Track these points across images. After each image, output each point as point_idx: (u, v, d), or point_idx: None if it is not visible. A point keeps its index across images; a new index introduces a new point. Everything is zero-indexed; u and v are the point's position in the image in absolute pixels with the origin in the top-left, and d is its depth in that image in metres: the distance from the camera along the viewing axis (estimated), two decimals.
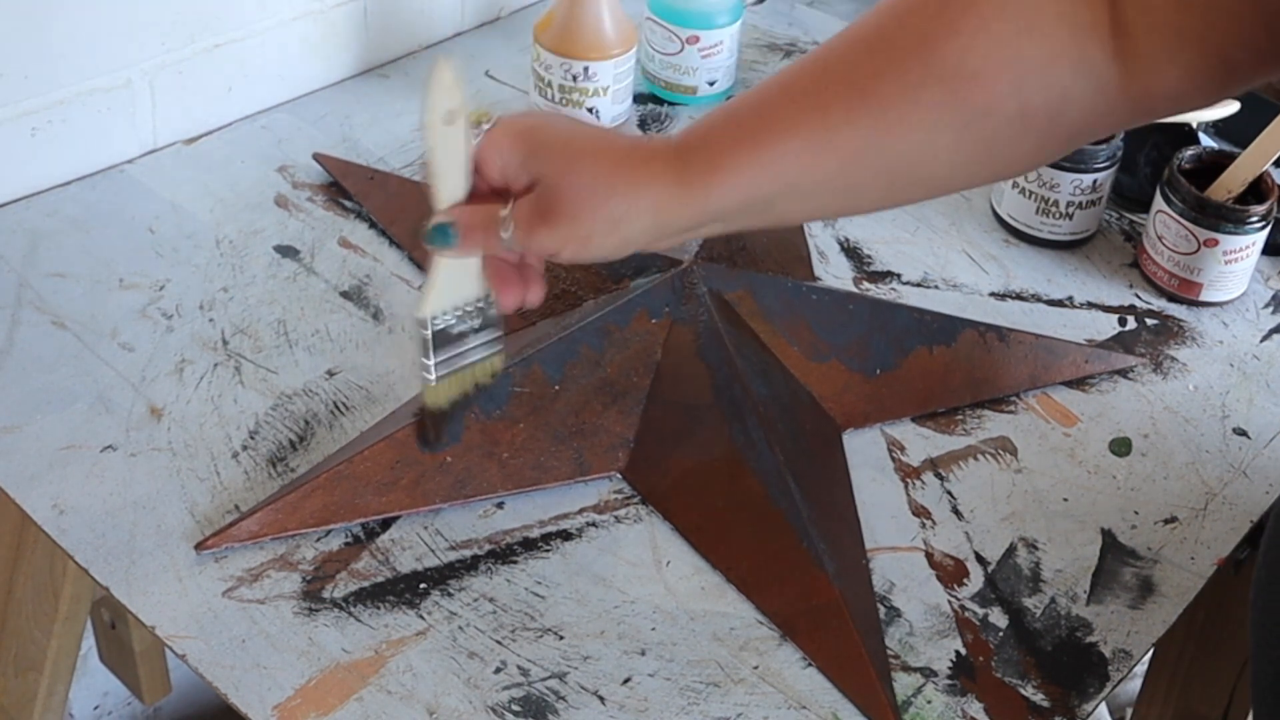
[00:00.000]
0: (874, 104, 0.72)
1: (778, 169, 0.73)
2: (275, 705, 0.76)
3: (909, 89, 0.71)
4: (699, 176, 0.73)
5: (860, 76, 0.72)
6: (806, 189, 0.74)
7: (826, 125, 0.72)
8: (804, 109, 0.73)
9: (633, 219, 0.74)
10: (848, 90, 0.72)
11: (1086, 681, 0.82)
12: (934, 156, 0.73)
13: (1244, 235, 1.06)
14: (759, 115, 0.74)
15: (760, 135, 0.73)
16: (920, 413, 0.98)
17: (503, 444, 0.88)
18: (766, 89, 0.75)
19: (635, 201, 0.73)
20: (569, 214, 0.73)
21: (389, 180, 1.11)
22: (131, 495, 0.86)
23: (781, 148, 0.73)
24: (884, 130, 0.72)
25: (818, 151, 0.73)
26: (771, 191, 0.74)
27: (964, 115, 0.71)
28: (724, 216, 0.75)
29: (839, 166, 0.73)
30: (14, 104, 1.03)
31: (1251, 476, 0.96)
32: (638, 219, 0.74)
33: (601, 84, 1.17)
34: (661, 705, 0.79)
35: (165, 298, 1.00)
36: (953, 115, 0.71)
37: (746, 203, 0.74)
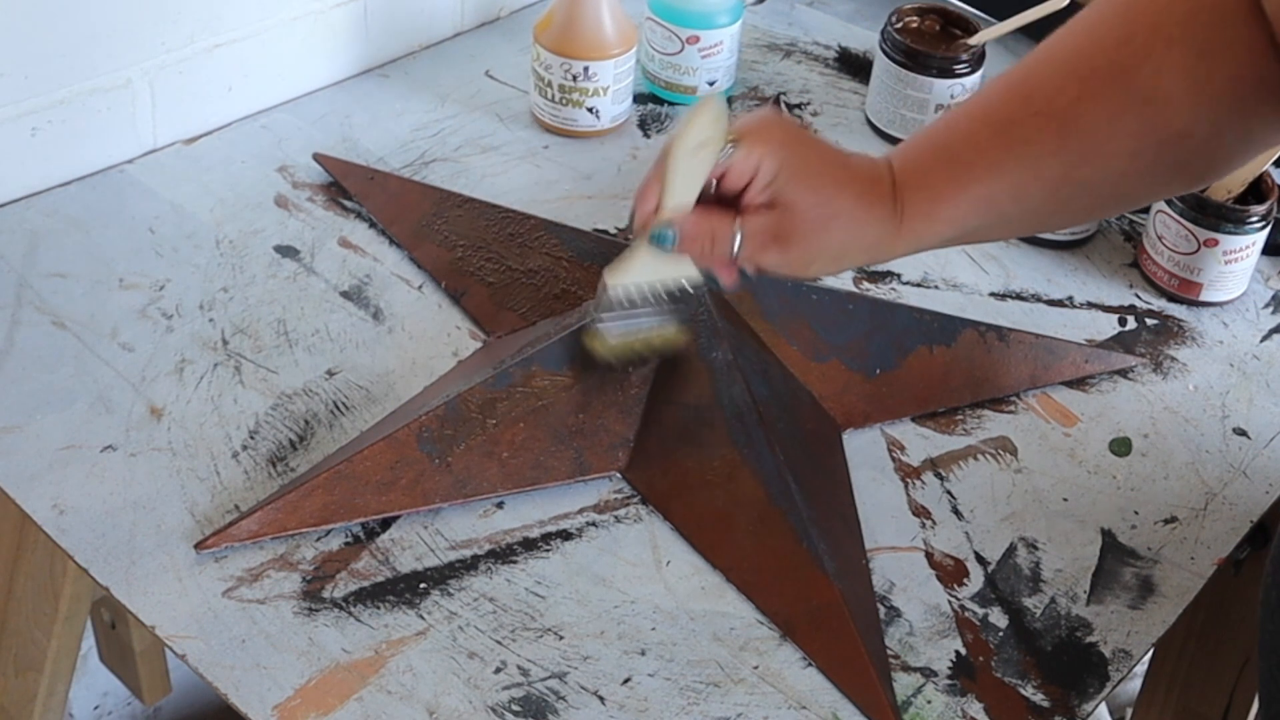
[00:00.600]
0: (1077, 134, 0.74)
1: (989, 205, 0.77)
2: (275, 705, 0.76)
3: (1109, 116, 0.74)
4: (917, 220, 0.77)
5: (1062, 105, 0.74)
6: (1010, 217, 0.78)
7: (1033, 157, 0.75)
8: (1013, 142, 0.76)
9: (854, 253, 0.79)
10: (1050, 121, 0.75)
11: (1086, 681, 0.82)
12: (1134, 179, 0.76)
13: (1244, 235, 1.06)
14: (972, 149, 0.77)
15: (974, 171, 0.76)
16: (920, 413, 0.98)
17: (503, 444, 0.88)
18: (974, 115, 0.78)
19: (861, 238, 0.78)
20: (802, 242, 0.77)
21: (389, 180, 1.11)
22: (131, 495, 0.86)
23: (993, 185, 0.76)
24: (1088, 159, 0.75)
25: (1027, 184, 0.76)
26: (979, 224, 0.78)
27: (1160, 139, 0.74)
28: (931, 247, 0.81)
29: (1045, 195, 0.77)
30: (14, 104, 1.03)
31: (1251, 476, 0.96)
32: (858, 253, 0.79)
33: (601, 84, 1.17)
34: (661, 705, 0.79)
35: (165, 298, 1.00)
36: (1149, 140, 0.74)
37: (954, 235, 0.79)
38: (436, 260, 1.04)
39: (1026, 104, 0.76)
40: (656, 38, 1.23)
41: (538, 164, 1.17)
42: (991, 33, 1.21)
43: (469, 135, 1.19)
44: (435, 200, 1.09)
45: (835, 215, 0.78)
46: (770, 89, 1.28)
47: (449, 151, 1.17)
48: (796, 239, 0.78)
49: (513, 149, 1.18)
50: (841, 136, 1.23)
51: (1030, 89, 0.76)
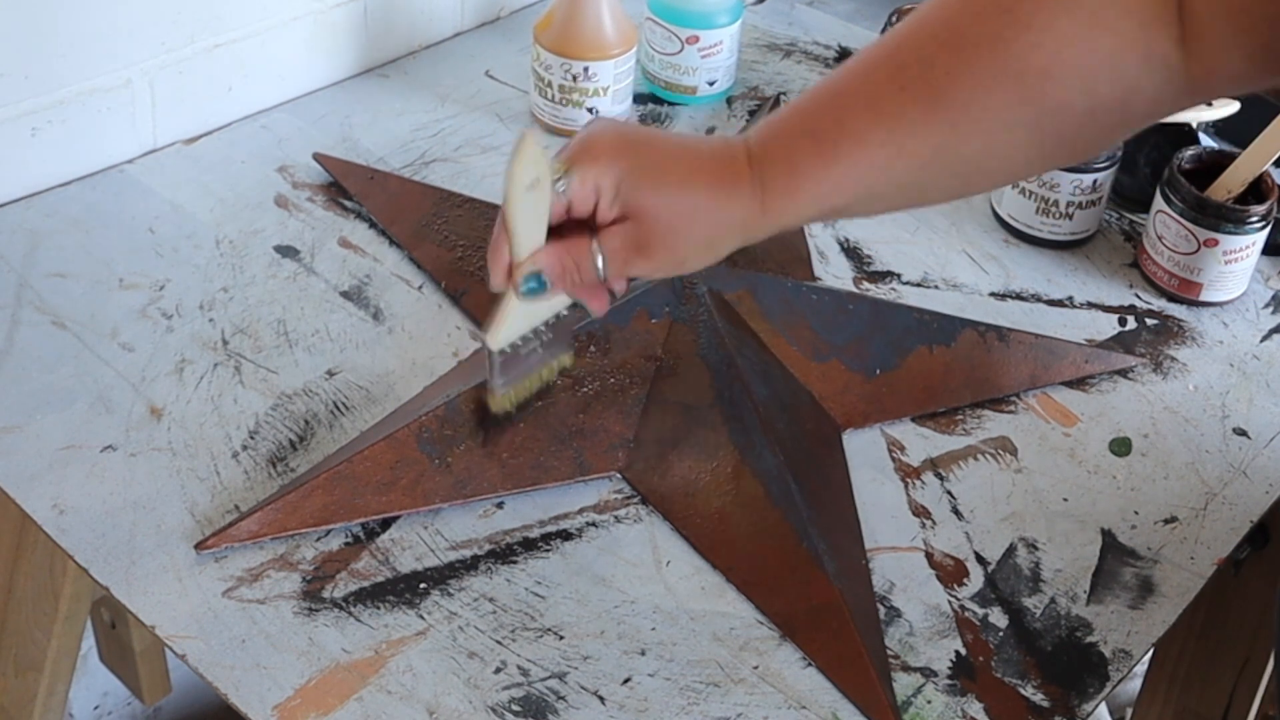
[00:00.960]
0: (949, 106, 0.72)
1: (856, 180, 0.75)
2: (275, 705, 0.76)
3: (983, 90, 0.71)
4: (781, 197, 0.75)
5: (934, 77, 0.72)
6: (880, 193, 0.76)
7: (903, 131, 0.73)
8: (882, 115, 0.73)
9: (723, 239, 0.77)
10: (922, 92, 0.72)
11: (1086, 681, 0.82)
12: (1007, 153, 0.74)
13: (1244, 235, 1.06)
14: (837, 123, 0.74)
15: (840, 147, 0.74)
16: (920, 413, 0.98)
17: (503, 444, 0.88)
18: (841, 88, 0.75)
19: (726, 224, 0.76)
20: (664, 244, 0.76)
21: (389, 180, 1.11)
22: (131, 495, 0.86)
23: (860, 159, 0.74)
24: (959, 132, 0.73)
25: (895, 158, 0.74)
26: (848, 200, 0.76)
27: (1036, 113, 0.72)
28: (803, 221, 0.79)
29: (915, 170, 0.74)
30: (14, 104, 1.03)
31: (1251, 476, 0.96)
32: (728, 239, 0.77)
33: (601, 84, 1.17)
34: (661, 705, 0.79)
35: (165, 298, 1.00)
36: (1025, 113, 0.72)
37: (824, 213, 0.77)
38: (436, 260, 1.04)
39: (895, 76, 0.73)
40: (656, 38, 1.23)
41: None
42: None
43: (469, 135, 1.19)
44: (435, 200, 1.09)
45: (691, 210, 0.76)
46: (770, 89, 1.28)
47: (449, 151, 1.17)
48: (657, 243, 0.76)
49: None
50: None
51: (900, 60, 0.73)
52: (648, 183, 0.75)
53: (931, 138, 0.73)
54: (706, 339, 0.93)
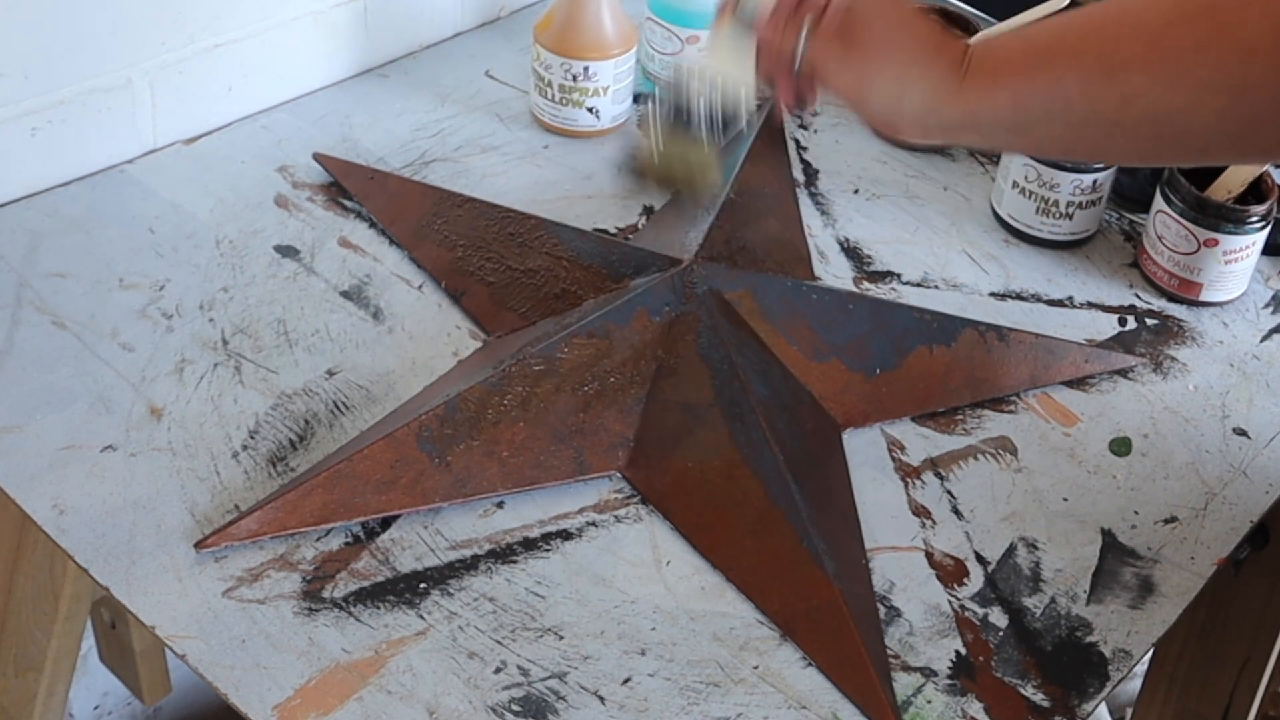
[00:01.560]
0: (1159, 50, 0.73)
1: (1054, 90, 0.75)
2: (275, 705, 0.76)
3: (1194, 45, 0.73)
4: (981, 77, 0.77)
5: (1151, 21, 0.74)
6: (1074, 118, 0.77)
7: (1111, 61, 0.74)
8: (1093, 42, 0.75)
9: (913, 89, 0.78)
10: (1136, 32, 0.74)
11: (1086, 681, 0.82)
12: (1201, 119, 0.75)
13: (1244, 235, 1.06)
14: (1051, 36, 0.77)
15: (1046, 55, 0.76)
16: (920, 412, 0.98)
17: (502, 443, 0.88)
18: (1063, 18, 0.78)
19: (924, 72, 0.78)
20: (865, 50, 0.78)
21: (389, 180, 1.11)
22: (131, 495, 0.86)
23: (1062, 71, 0.75)
24: (1163, 78, 0.74)
25: (1096, 83, 0.75)
26: (1040, 111, 0.76)
27: (1237, 83, 0.72)
28: (987, 124, 0.79)
29: (1112, 105, 0.75)
30: (14, 104, 1.03)
31: (1251, 476, 0.96)
32: (917, 92, 0.78)
33: (601, 84, 1.17)
34: (661, 705, 0.79)
35: (165, 298, 1.00)
36: (1227, 80, 0.73)
37: (1013, 116, 0.77)
38: (436, 260, 1.04)
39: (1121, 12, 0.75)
40: (656, 38, 1.23)
41: (538, 164, 1.17)
42: (991, 33, 1.21)
43: (469, 135, 1.19)
44: (435, 200, 1.09)
45: (902, 33, 0.79)
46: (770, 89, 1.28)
47: (449, 151, 1.17)
48: (862, 46, 0.79)
49: (513, 149, 1.18)
50: (841, 136, 1.23)
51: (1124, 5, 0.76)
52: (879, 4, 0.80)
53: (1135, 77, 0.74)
54: (706, 339, 0.93)
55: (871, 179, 1.19)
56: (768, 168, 1.14)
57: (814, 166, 1.20)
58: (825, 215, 1.14)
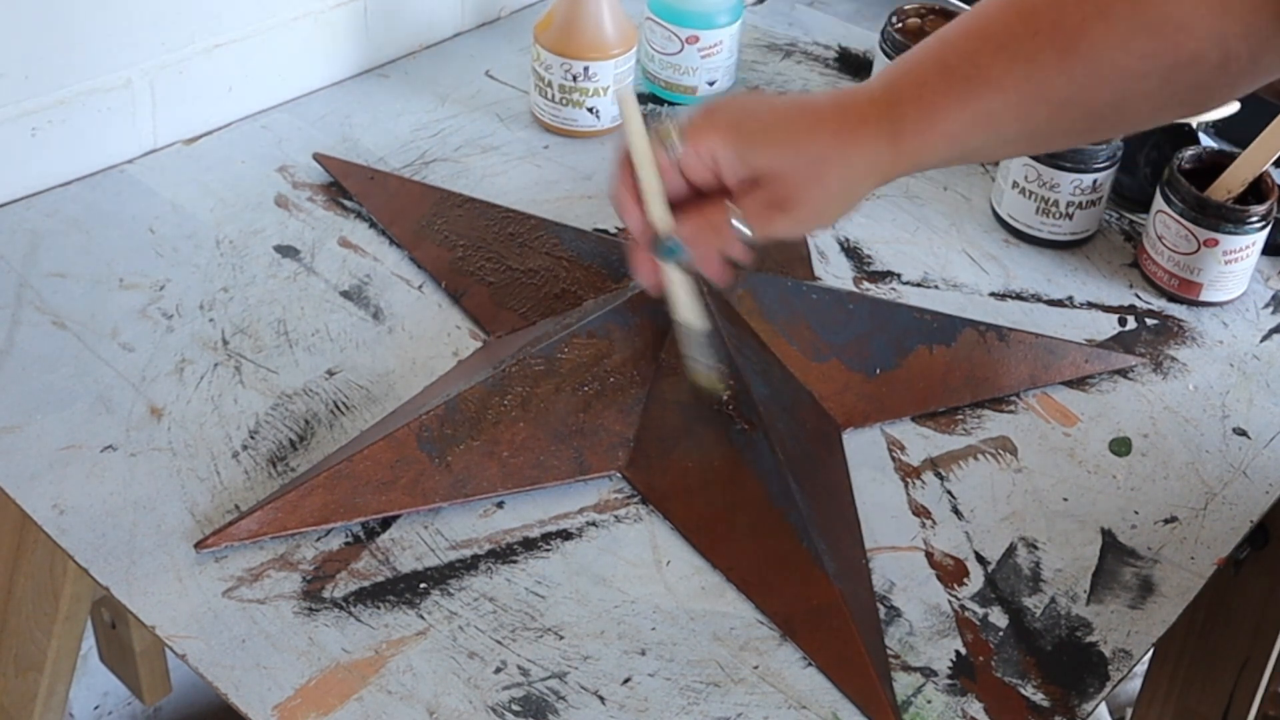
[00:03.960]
0: (1085, 54, 0.73)
1: (989, 121, 0.75)
2: (275, 705, 0.76)
3: (1118, 40, 0.72)
4: (914, 135, 0.75)
5: (1069, 25, 0.73)
6: (1012, 136, 0.76)
7: (1038, 76, 0.73)
8: (1015, 59, 0.74)
9: (858, 183, 0.77)
10: (1056, 38, 0.73)
11: (1086, 681, 0.82)
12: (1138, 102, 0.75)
13: (1244, 235, 1.06)
14: (970, 63, 0.75)
15: (973, 87, 0.74)
16: (920, 412, 0.98)
17: (503, 443, 0.88)
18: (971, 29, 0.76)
19: (859, 168, 0.76)
20: (801, 198, 0.76)
21: (389, 180, 1.11)
22: (131, 495, 0.86)
23: (994, 100, 0.74)
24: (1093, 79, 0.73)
25: (1029, 102, 0.74)
26: (980, 142, 0.76)
27: (1170, 64, 0.72)
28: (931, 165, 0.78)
29: (1046, 114, 0.75)
30: (14, 104, 1.03)
31: (1251, 476, 0.96)
32: (863, 182, 0.77)
33: (601, 84, 1.17)
34: (661, 705, 0.79)
35: (165, 298, 1.00)
36: (1159, 64, 0.72)
37: (956, 154, 0.77)
38: (436, 260, 1.04)
39: (1029, 21, 0.74)
40: (656, 38, 1.23)
41: (538, 164, 1.17)
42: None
43: (469, 135, 1.19)
44: (435, 200, 1.09)
45: (820, 159, 0.76)
46: (770, 89, 1.28)
47: (449, 151, 1.17)
48: (794, 198, 0.76)
49: (513, 149, 1.18)
50: None
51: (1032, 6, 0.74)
52: (772, 141, 0.76)
53: (1066, 84, 0.73)
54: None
55: None
56: None
57: None
58: None
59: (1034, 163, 1.10)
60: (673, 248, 0.79)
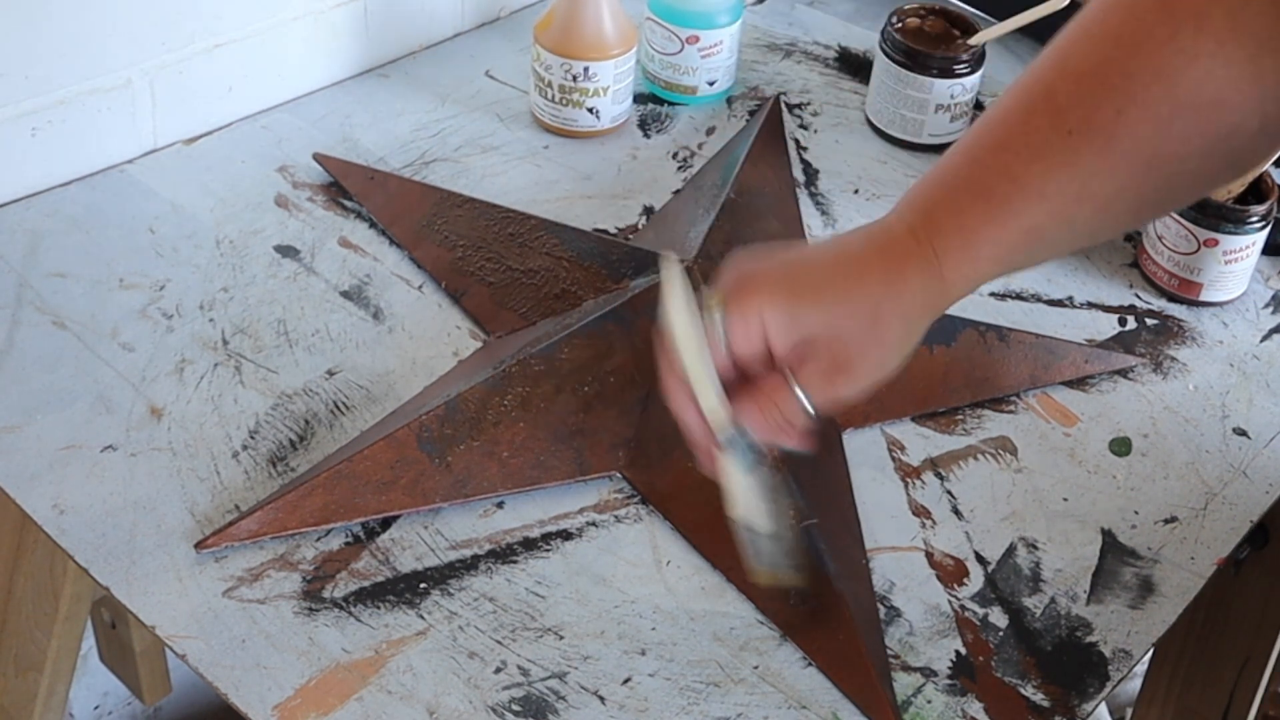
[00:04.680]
0: (1125, 148, 0.69)
1: (1036, 235, 0.72)
2: (275, 705, 0.76)
3: (1157, 126, 0.69)
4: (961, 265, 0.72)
5: (1103, 120, 0.69)
6: (1063, 239, 0.74)
7: (1079, 177, 0.70)
8: (1053, 166, 0.70)
9: (915, 324, 0.74)
10: (1093, 137, 0.69)
11: (1086, 681, 0.82)
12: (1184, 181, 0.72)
13: (1244, 235, 1.06)
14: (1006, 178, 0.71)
15: (1014, 202, 0.71)
16: (920, 412, 0.98)
17: (503, 443, 0.88)
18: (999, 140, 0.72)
19: (912, 310, 0.73)
20: (863, 355, 0.73)
21: (389, 180, 1.11)
22: (131, 495, 0.86)
23: (1037, 213, 0.71)
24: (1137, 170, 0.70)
25: (1073, 205, 0.71)
26: (1028, 253, 0.73)
27: (1212, 139, 0.70)
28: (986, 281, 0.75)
29: (1095, 214, 0.72)
30: (14, 104, 1.03)
31: (1251, 476, 0.96)
32: (919, 321, 0.74)
33: (601, 84, 1.17)
34: (661, 705, 0.79)
35: (165, 298, 1.00)
36: (1202, 143, 0.70)
37: (1004, 270, 0.75)
38: (437, 260, 1.04)
39: (1059, 122, 0.70)
40: (656, 38, 1.23)
41: (538, 164, 1.17)
42: (991, 33, 1.21)
43: (469, 135, 1.19)
44: (435, 200, 1.09)
45: (873, 312, 0.72)
46: (770, 89, 1.28)
47: (449, 151, 1.17)
48: (856, 362, 0.73)
49: (513, 149, 1.18)
50: (842, 136, 1.23)
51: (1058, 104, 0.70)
52: (823, 300, 0.72)
53: (1109, 181, 0.70)
54: None
55: (871, 179, 1.19)
56: (768, 167, 1.14)
57: (814, 166, 1.20)
58: (825, 215, 1.14)
59: None
60: (736, 440, 0.74)
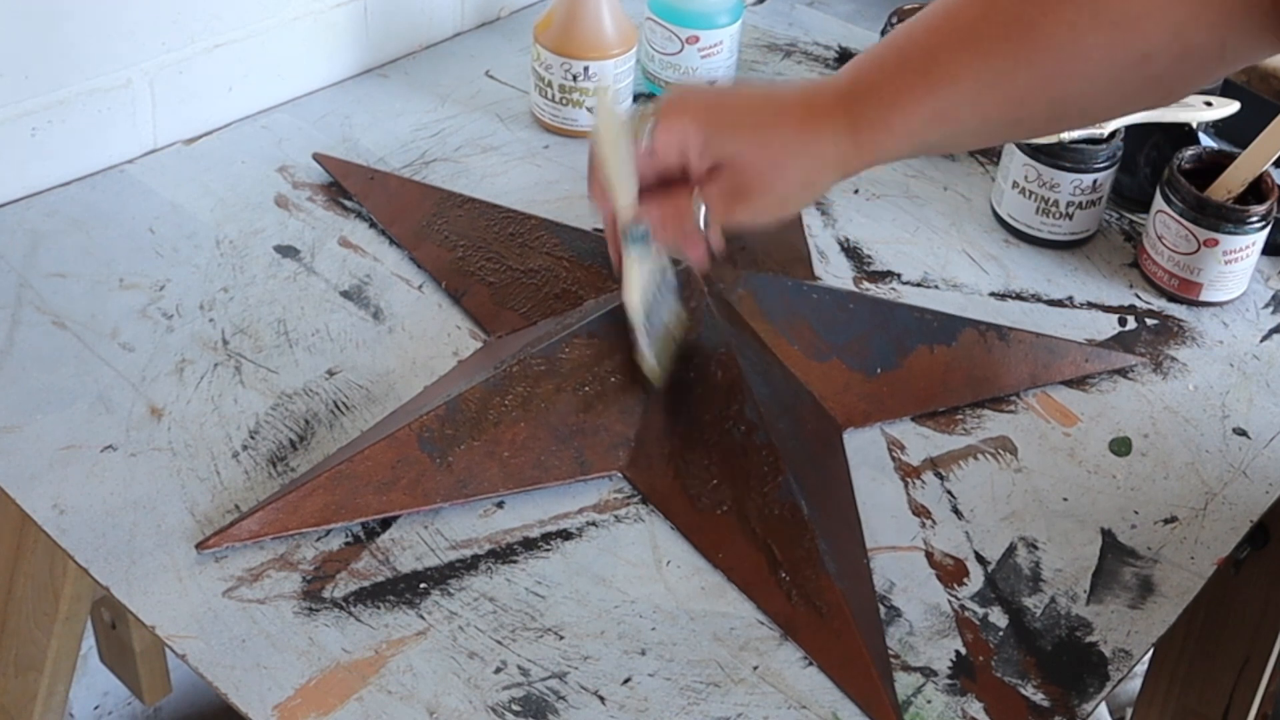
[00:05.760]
0: (1040, 48, 0.73)
1: (949, 114, 0.76)
2: (275, 705, 0.76)
3: (1074, 34, 0.72)
4: (873, 129, 0.76)
5: (1027, 17, 0.73)
6: (973, 128, 0.77)
7: (994, 69, 0.74)
8: (972, 53, 0.74)
9: (820, 176, 0.78)
10: (1011, 33, 0.74)
11: (1086, 681, 0.82)
12: (1098, 94, 0.75)
13: (1244, 235, 1.06)
14: (930, 57, 0.76)
15: (931, 81, 0.75)
16: (920, 412, 0.98)
17: (503, 443, 0.88)
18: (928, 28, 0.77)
19: (820, 160, 0.77)
20: (763, 187, 0.77)
21: (389, 180, 1.11)
22: (131, 495, 0.86)
23: (951, 93, 0.75)
24: (1050, 73, 0.74)
25: (987, 94, 0.75)
26: (941, 135, 0.77)
27: (1127, 58, 0.73)
28: (892, 158, 0.79)
29: (1006, 107, 0.75)
30: (14, 104, 1.03)
31: (1251, 476, 0.96)
32: (824, 175, 0.78)
33: (601, 84, 1.17)
34: (661, 705, 0.79)
35: (165, 298, 1.00)
36: (1116, 57, 0.73)
37: (916, 147, 0.78)
38: (437, 260, 1.04)
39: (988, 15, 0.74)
40: (656, 38, 1.23)
41: (538, 164, 1.17)
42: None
43: (469, 135, 1.19)
44: (435, 200, 1.09)
45: (782, 149, 0.77)
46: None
47: (449, 151, 1.17)
48: (755, 187, 0.77)
49: (513, 149, 1.18)
50: None
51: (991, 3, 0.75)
52: (736, 129, 0.77)
53: (1023, 77, 0.74)
54: (707, 338, 0.93)
55: (871, 179, 1.19)
56: None
57: None
58: (825, 215, 1.14)
59: (1034, 162, 1.10)
60: (636, 233, 0.81)
